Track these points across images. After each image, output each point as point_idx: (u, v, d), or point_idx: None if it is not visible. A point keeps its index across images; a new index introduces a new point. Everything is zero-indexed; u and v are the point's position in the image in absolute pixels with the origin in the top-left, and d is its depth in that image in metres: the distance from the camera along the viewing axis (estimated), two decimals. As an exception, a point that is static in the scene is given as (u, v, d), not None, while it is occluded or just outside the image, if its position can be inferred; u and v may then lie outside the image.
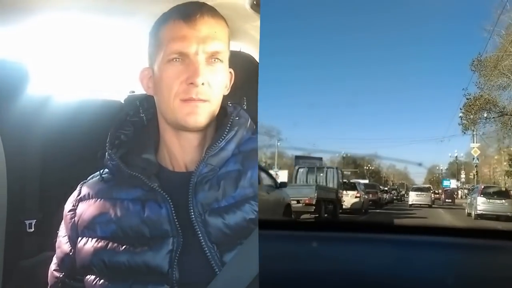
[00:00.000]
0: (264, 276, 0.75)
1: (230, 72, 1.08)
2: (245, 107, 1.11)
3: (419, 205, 20.08)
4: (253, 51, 1.53)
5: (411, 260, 0.85)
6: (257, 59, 1.47)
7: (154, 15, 1.07)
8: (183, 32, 1.01)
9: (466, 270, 0.80)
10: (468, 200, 15.77)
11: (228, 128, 1.04)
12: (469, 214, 14.48)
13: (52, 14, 1.46)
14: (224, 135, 1.04)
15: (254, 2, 1.36)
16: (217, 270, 0.95)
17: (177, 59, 1.00)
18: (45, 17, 1.47)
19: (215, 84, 1.02)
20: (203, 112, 1.01)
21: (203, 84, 1.00)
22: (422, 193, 21.32)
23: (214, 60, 1.02)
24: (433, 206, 20.83)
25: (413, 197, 20.95)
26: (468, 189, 19.21)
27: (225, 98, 1.07)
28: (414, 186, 26.16)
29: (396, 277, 0.76)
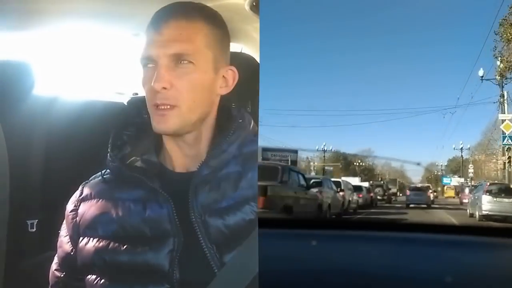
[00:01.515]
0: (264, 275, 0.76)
1: (231, 70, 1.07)
2: (249, 110, 1.11)
3: (416, 205, 19.09)
4: (254, 52, 1.53)
5: (411, 258, 0.86)
6: (258, 60, 1.47)
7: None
8: (149, 37, 1.02)
9: (467, 269, 0.80)
10: (471, 200, 14.05)
11: (232, 131, 1.04)
12: (472, 215, 13.07)
13: (54, 16, 1.47)
14: (227, 139, 1.04)
15: (254, 3, 1.36)
16: (216, 270, 0.96)
17: (146, 65, 1.01)
18: (48, 20, 1.49)
19: (184, 86, 0.99)
20: (171, 118, 0.99)
21: (164, 88, 0.99)
22: (420, 192, 20.51)
23: (181, 62, 1.00)
24: (432, 206, 19.78)
25: (410, 197, 20.24)
26: (474, 186, 17.04)
27: (228, 99, 1.07)
28: (411, 185, 24.96)
29: (396, 275, 0.76)
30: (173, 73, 0.99)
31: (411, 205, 19.50)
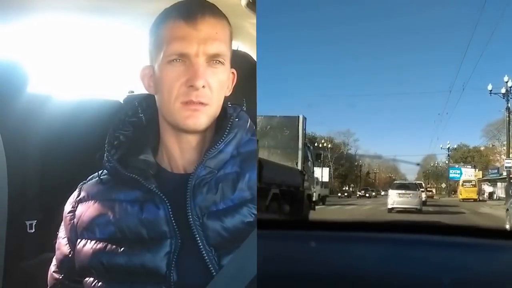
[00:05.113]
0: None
1: (232, 73, 1.07)
2: (244, 108, 1.10)
3: (403, 209, 14.04)
4: (251, 50, 1.52)
5: (412, 259, 0.84)
6: (255, 58, 1.46)
7: (153, 13, 1.05)
8: (183, 32, 0.98)
9: (466, 272, 0.79)
10: (510, 204, 8.44)
11: (227, 130, 1.03)
12: (512, 229, 6.91)
13: (50, 14, 1.46)
14: (223, 138, 1.02)
15: (250, 0, 1.35)
16: (214, 273, 0.95)
17: (177, 60, 0.98)
18: (44, 17, 1.47)
19: (215, 86, 1.00)
20: (203, 116, 0.99)
21: (203, 87, 0.98)
22: (408, 192, 15.14)
23: (215, 62, 0.99)
24: (423, 210, 14.63)
25: (394, 198, 14.93)
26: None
27: (225, 98, 1.06)
28: (395, 182, 18.91)
29: (397, 277, 0.75)
30: (207, 71, 0.99)
31: (396, 210, 14.54)
